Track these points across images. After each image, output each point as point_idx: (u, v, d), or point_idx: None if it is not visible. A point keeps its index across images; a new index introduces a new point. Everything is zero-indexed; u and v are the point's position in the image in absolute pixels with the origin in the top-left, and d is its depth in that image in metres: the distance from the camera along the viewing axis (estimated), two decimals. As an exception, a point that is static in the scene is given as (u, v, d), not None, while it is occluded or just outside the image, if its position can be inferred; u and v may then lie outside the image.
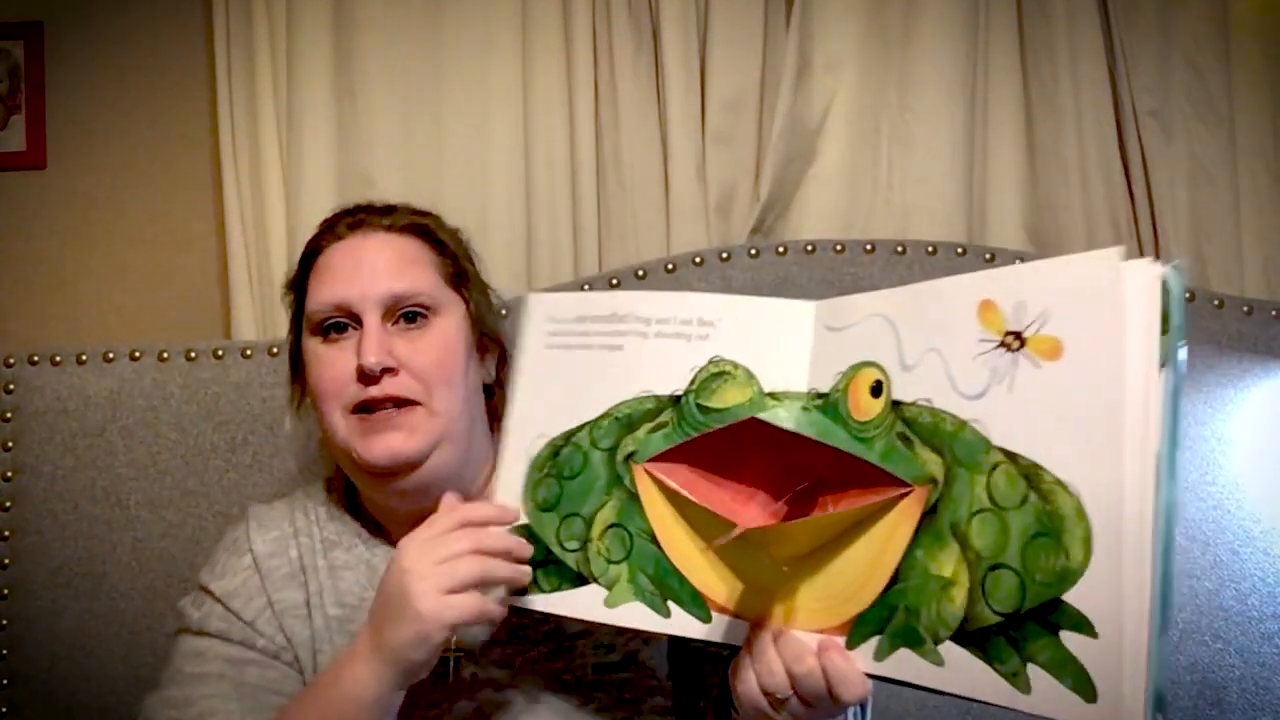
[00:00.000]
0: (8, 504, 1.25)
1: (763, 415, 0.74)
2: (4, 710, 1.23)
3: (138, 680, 1.21)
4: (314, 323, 0.93)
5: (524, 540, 0.82)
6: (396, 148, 1.44)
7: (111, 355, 1.28)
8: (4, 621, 1.24)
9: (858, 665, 0.69)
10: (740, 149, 1.44)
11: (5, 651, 1.24)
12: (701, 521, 0.77)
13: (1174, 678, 1.25)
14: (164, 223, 1.50)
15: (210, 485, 1.26)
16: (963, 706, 1.25)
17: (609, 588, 0.80)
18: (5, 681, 1.24)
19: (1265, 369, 1.31)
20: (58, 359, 1.27)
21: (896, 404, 0.70)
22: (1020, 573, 0.62)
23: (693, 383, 0.79)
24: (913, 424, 0.69)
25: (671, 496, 0.78)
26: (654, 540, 0.79)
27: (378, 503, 0.96)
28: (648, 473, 0.80)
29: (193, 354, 1.29)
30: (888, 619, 0.68)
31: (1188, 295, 1.33)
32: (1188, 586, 1.26)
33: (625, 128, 1.42)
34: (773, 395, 0.76)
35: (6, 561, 1.24)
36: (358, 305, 0.90)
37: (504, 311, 1.28)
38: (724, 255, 1.33)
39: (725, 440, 0.76)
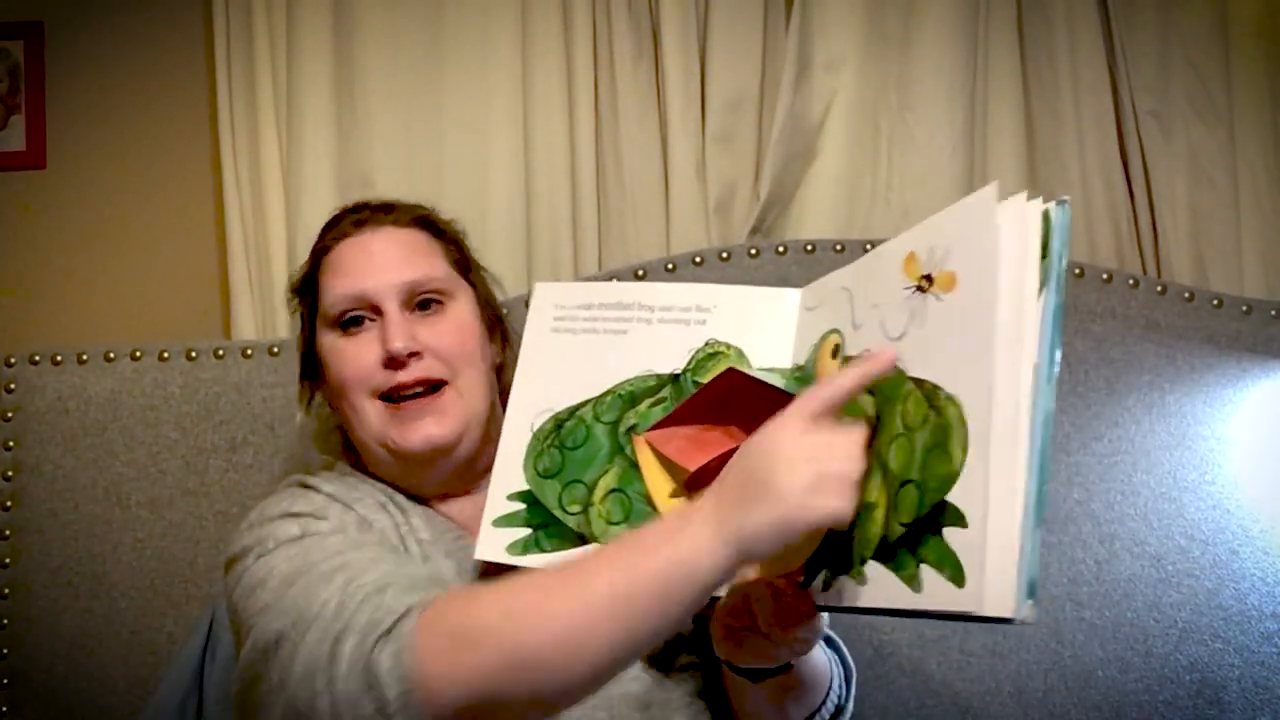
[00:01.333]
0: (8, 504, 1.25)
1: (739, 368, 0.83)
2: (4, 710, 1.23)
3: (138, 680, 1.21)
4: (332, 318, 0.95)
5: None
6: (396, 148, 1.44)
7: (111, 355, 1.28)
8: (4, 621, 1.24)
9: (810, 604, 0.76)
10: (740, 149, 1.44)
11: (5, 651, 1.24)
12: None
13: (1173, 677, 1.25)
14: (164, 223, 1.50)
15: (210, 485, 1.26)
16: (962, 705, 1.25)
17: None
18: (5, 681, 1.24)
19: (1264, 369, 1.31)
20: (58, 359, 1.27)
21: (848, 359, 0.78)
22: (920, 484, 0.67)
23: (690, 362, 0.89)
24: None
25: (665, 463, 0.87)
26: (650, 503, 0.87)
27: (400, 482, 0.97)
28: (648, 443, 0.88)
29: (193, 354, 1.29)
30: (831, 553, 0.74)
31: (1187, 295, 1.34)
32: (1187, 586, 1.27)
33: (625, 128, 1.42)
34: (761, 370, 0.84)
35: (6, 561, 1.25)
36: (376, 296, 0.93)
37: (504, 310, 1.29)
38: (724, 255, 1.33)
39: (714, 409, 0.84)
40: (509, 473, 0.91)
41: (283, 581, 0.79)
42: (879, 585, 0.69)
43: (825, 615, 0.81)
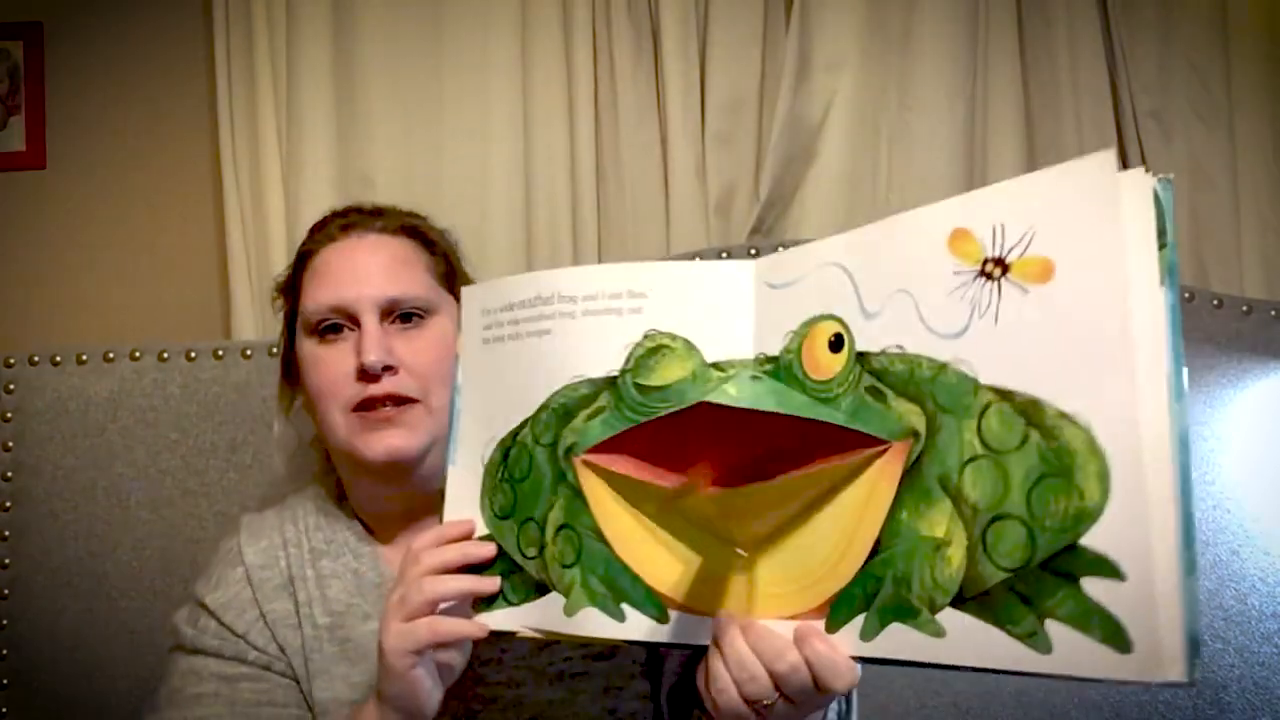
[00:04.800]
0: (8, 504, 1.25)
1: (711, 396, 0.65)
2: (4, 710, 1.23)
3: (138, 680, 1.21)
4: (310, 324, 0.94)
5: (480, 543, 0.78)
6: (396, 148, 1.44)
7: (111, 355, 1.28)
8: (4, 621, 1.24)
9: (843, 650, 0.63)
10: (740, 149, 1.44)
11: (5, 651, 1.24)
12: (652, 503, 0.71)
13: (1174, 678, 1.25)
14: (164, 223, 1.50)
15: (210, 485, 1.26)
16: (962, 706, 1.25)
17: (566, 595, 0.73)
18: (5, 681, 1.23)
19: (1264, 369, 1.31)
20: (58, 359, 1.27)
21: (861, 356, 0.64)
22: (1027, 521, 0.55)
23: (628, 361, 0.72)
24: (883, 375, 0.63)
25: (616, 484, 0.72)
26: (601, 538, 0.72)
27: (367, 505, 0.98)
28: (589, 465, 0.73)
29: (193, 354, 1.29)
30: (874, 593, 0.61)
31: (1187, 295, 1.34)
32: (1187, 586, 1.26)
33: (625, 128, 1.42)
34: (716, 366, 0.70)
35: (6, 561, 1.24)
36: (355, 307, 0.91)
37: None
38: (724, 255, 1.33)
39: (668, 421, 0.69)
40: (463, 515, 0.79)
41: (162, 697, 0.93)
42: (970, 640, 0.57)
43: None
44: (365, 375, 0.89)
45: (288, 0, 1.43)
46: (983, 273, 0.58)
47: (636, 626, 0.71)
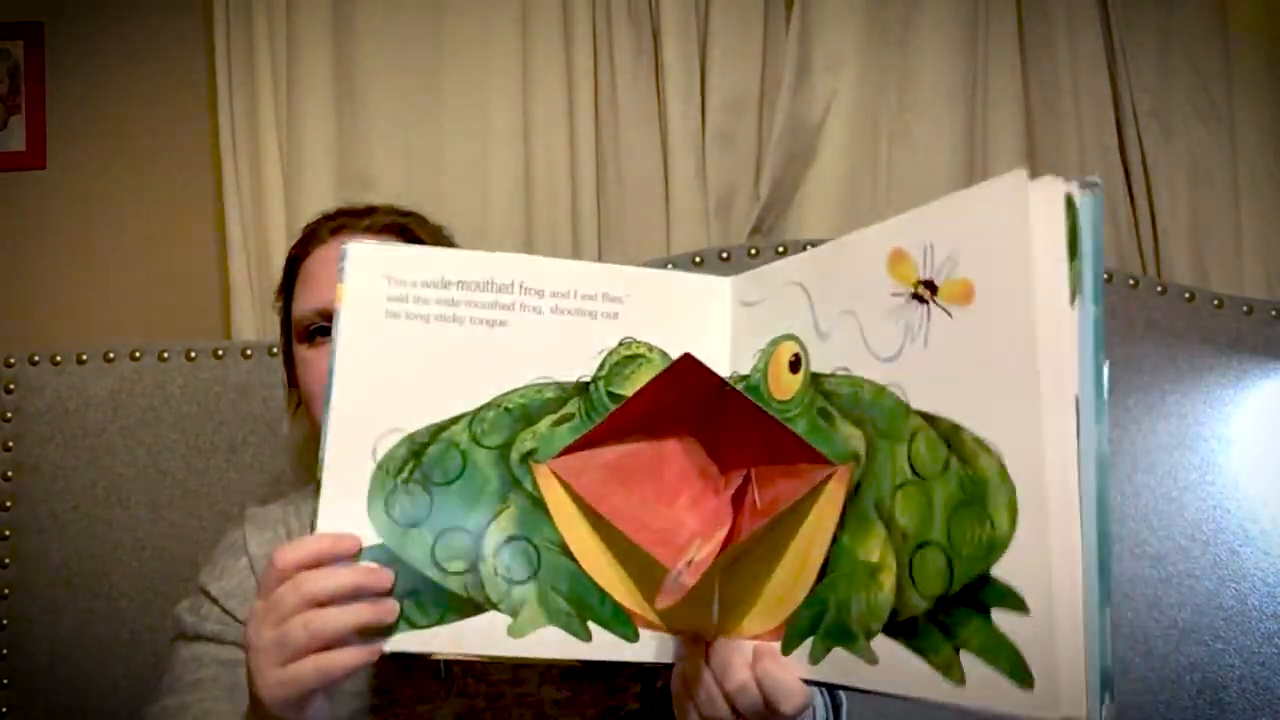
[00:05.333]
0: (8, 504, 1.25)
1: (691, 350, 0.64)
2: (4, 710, 1.23)
3: (138, 680, 1.21)
4: (300, 328, 0.96)
5: (375, 568, 0.65)
6: (396, 148, 1.44)
7: (111, 355, 1.28)
8: (4, 621, 1.24)
9: (794, 671, 0.62)
10: (740, 149, 1.44)
11: (5, 651, 1.24)
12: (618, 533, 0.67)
13: (1173, 678, 1.25)
14: (164, 223, 1.50)
15: (210, 485, 1.26)
16: (962, 706, 1.25)
17: (512, 614, 0.67)
18: (5, 681, 1.24)
19: (1265, 369, 1.31)
20: (58, 359, 1.27)
21: (815, 377, 0.63)
22: (946, 549, 0.54)
23: (602, 367, 0.70)
24: (832, 397, 0.62)
25: (585, 497, 0.69)
26: (566, 552, 0.68)
27: None
28: (554, 473, 0.69)
29: (193, 354, 1.29)
30: (820, 616, 0.61)
31: (1187, 295, 1.34)
32: (1187, 586, 1.26)
33: (625, 128, 1.42)
34: None
35: (6, 561, 1.24)
36: None
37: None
38: (724, 255, 1.33)
39: (636, 422, 0.68)
40: (347, 520, 0.66)
41: (164, 685, 0.91)
42: (898, 669, 0.56)
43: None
44: None
45: (288, 0, 1.43)
46: (916, 294, 0.58)
47: (604, 645, 0.68)
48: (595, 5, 1.42)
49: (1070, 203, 0.52)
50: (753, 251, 1.33)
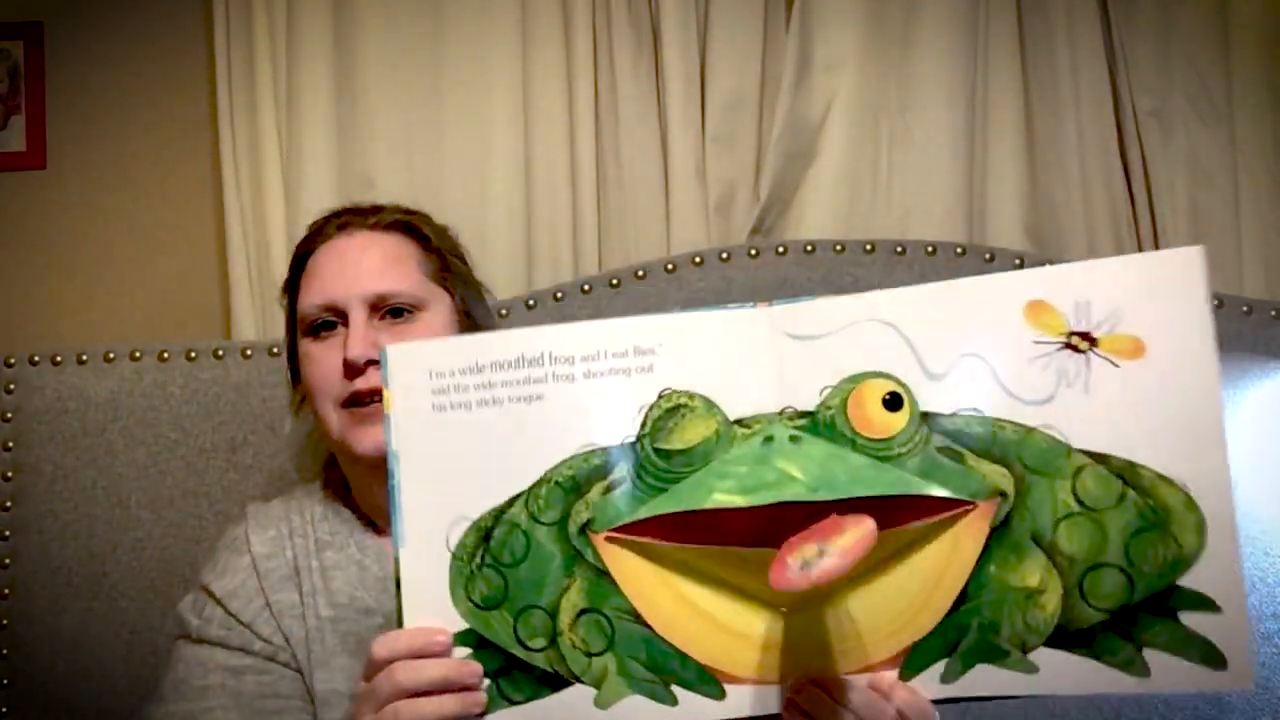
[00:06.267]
0: (8, 504, 1.25)
1: (778, 494, 0.64)
2: (4, 710, 1.23)
3: (138, 680, 1.21)
4: (305, 324, 0.96)
5: (465, 662, 0.69)
6: (396, 148, 1.44)
7: (111, 355, 1.28)
8: (4, 621, 1.24)
9: (924, 695, 0.68)
10: (740, 149, 1.44)
11: (5, 651, 1.24)
12: (692, 573, 0.68)
13: (1174, 678, 1.25)
14: (164, 223, 1.50)
15: (210, 485, 1.26)
16: (962, 705, 1.24)
17: (596, 685, 0.68)
18: (5, 681, 1.23)
19: (1265, 369, 1.31)
20: (58, 359, 1.27)
21: (926, 415, 0.66)
22: (1126, 569, 0.64)
23: (645, 425, 0.69)
24: (958, 436, 0.66)
25: (653, 557, 0.69)
26: (638, 619, 0.68)
27: (368, 498, 0.98)
28: (614, 540, 0.69)
29: (193, 354, 1.29)
30: (957, 640, 0.67)
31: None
32: (1188, 586, 1.26)
33: (625, 128, 1.42)
34: (740, 423, 0.68)
35: (6, 561, 1.24)
36: (344, 303, 0.93)
37: (504, 312, 1.29)
38: (724, 255, 1.33)
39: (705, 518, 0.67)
40: (434, 610, 0.70)
41: (167, 687, 0.92)
42: (1064, 672, 0.65)
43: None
44: (351, 370, 0.91)
45: (288, 1, 1.43)
46: (1069, 345, 0.65)
47: (692, 709, 0.68)
48: (595, 5, 1.42)
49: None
50: (753, 252, 1.33)
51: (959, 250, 1.33)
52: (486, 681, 0.69)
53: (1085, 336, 0.65)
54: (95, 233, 1.50)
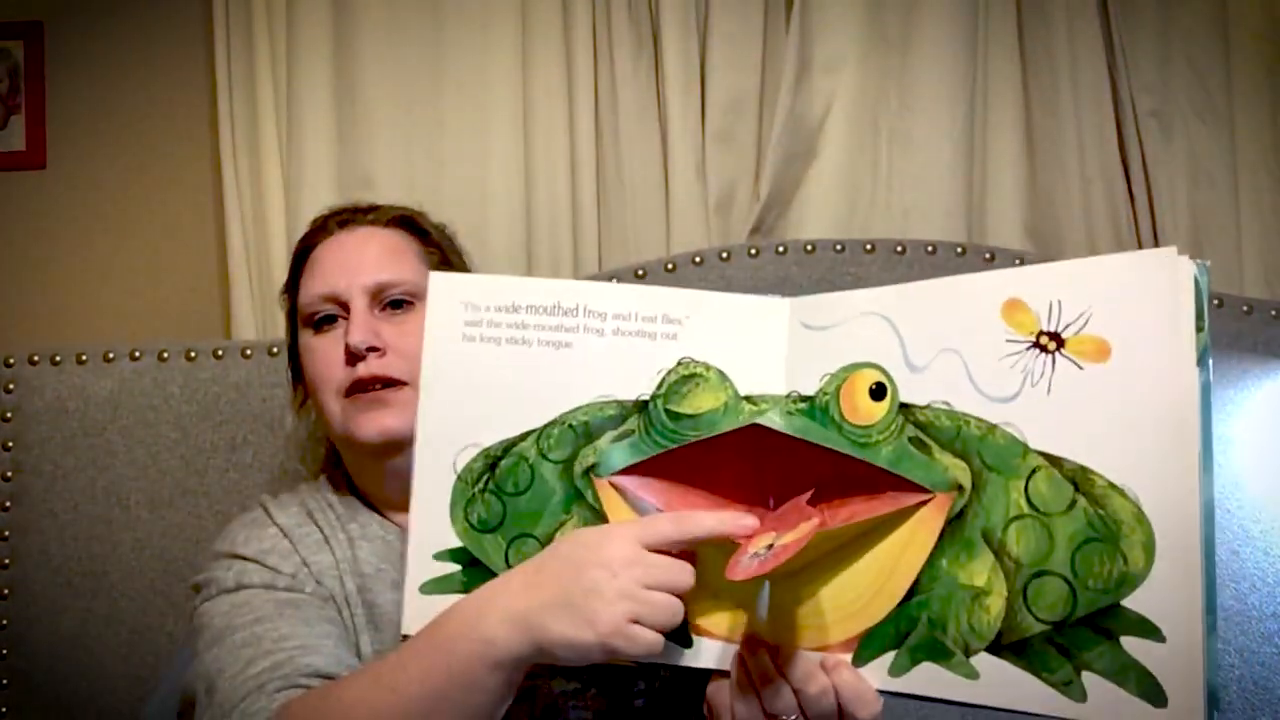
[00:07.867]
0: (8, 504, 1.25)
1: (760, 419, 0.69)
2: (4, 710, 1.23)
3: (138, 680, 1.21)
4: (306, 316, 0.97)
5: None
6: (396, 148, 1.44)
7: (111, 355, 1.28)
8: (4, 621, 1.24)
9: (870, 682, 0.67)
10: (740, 149, 1.44)
11: (5, 651, 1.24)
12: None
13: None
14: (164, 223, 1.50)
15: (210, 485, 1.26)
16: (962, 707, 1.24)
17: None
18: (5, 681, 1.23)
19: (1265, 369, 1.31)
20: (58, 359, 1.27)
21: (905, 406, 0.68)
22: (1070, 580, 0.61)
23: (660, 386, 0.73)
24: (928, 427, 0.67)
25: (646, 499, 0.73)
26: None
27: (373, 489, 0.99)
28: (613, 486, 0.73)
29: (193, 354, 1.29)
30: (906, 632, 0.66)
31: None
32: (1188, 586, 1.26)
33: (625, 128, 1.42)
34: (748, 398, 0.72)
35: (6, 561, 1.24)
36: (345, 294, 0.94)
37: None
38: (724, 255, 1.33)
39: (699, 448, 0.72)
40: (432, 525, 0.75)
41: (212, 638, 0.84)
42: (1002, 682, 0.63)
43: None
44: (352, 357, 0.91)
45: (288, 1, 1.43)
46: (1037, 344, 0.64)
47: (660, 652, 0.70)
48: (595, 5, 1.42)
49: (1196, 281, 0.60)
50: (753, 251, 1.33)
51: (959, 250, 1.33)
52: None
53: (1054, 337, 0.63)
54: (95, 233, 1.50)
